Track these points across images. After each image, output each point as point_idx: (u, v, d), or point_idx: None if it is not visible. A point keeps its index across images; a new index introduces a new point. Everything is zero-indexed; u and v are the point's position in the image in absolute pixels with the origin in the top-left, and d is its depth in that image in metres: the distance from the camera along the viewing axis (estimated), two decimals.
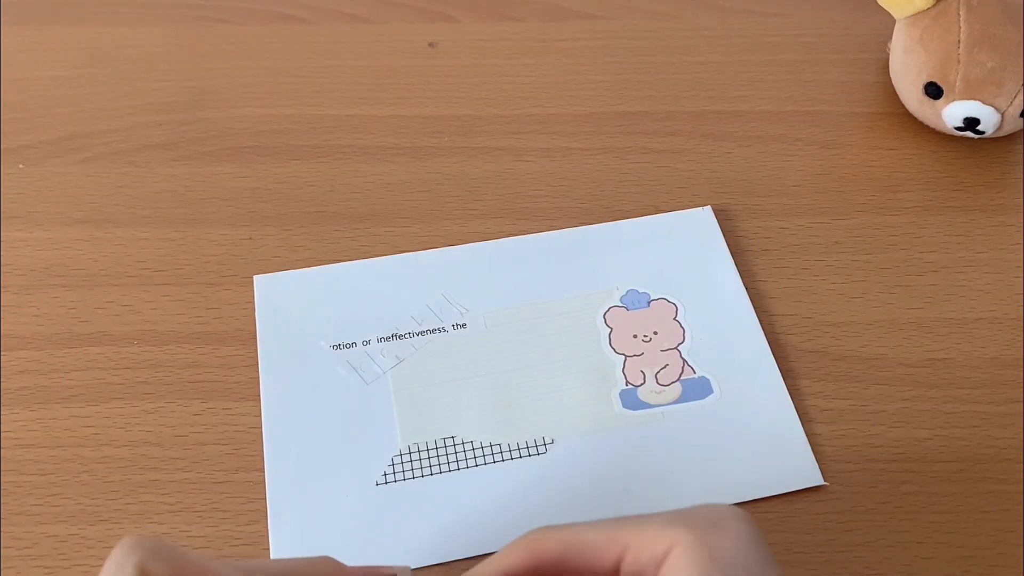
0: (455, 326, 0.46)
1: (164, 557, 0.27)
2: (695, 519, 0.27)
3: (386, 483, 0.41)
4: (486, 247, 0.49)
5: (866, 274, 0.48)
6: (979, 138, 0.52)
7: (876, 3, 0.53)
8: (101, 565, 0.39)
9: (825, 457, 0.42)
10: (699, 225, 0.50)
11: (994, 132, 0.50)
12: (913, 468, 0.41)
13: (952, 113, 0.50)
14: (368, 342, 0.45)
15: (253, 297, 0.47)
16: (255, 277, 0.48)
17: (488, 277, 0.48)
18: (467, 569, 0.38)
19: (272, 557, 0.39)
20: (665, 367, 0.44)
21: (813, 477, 0.41)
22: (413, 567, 0.39)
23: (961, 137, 0.53)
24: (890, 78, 0.55)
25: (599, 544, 0.28)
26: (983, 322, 0.46)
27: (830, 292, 0.48)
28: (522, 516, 0.40)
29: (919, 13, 0.51)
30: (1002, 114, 0.49)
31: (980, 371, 0.45)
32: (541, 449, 0.42)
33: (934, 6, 0.51)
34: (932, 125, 0.53)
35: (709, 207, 0.50)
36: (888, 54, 0.55)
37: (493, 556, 0.31)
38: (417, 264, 0.48)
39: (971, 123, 0.50)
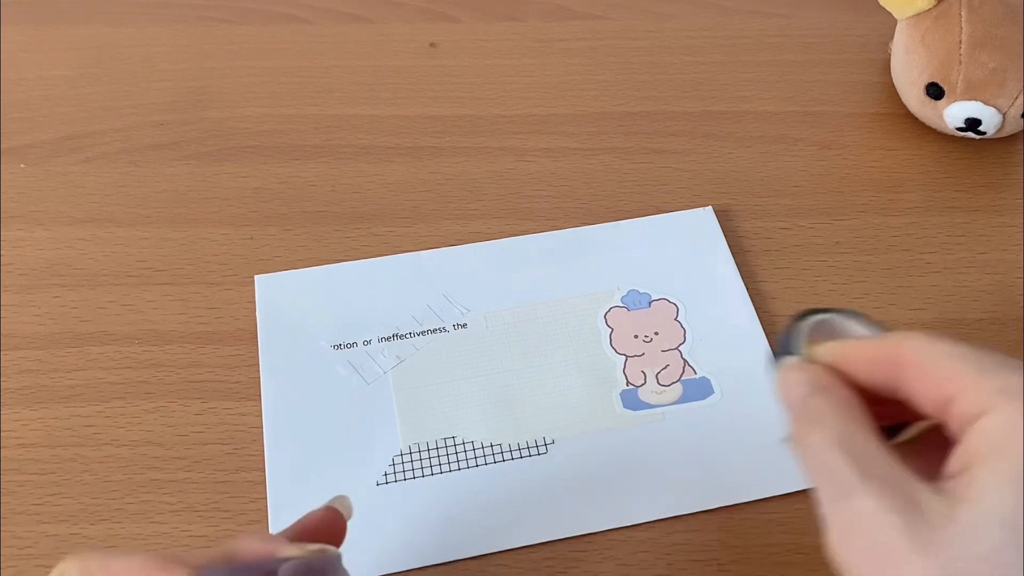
0: (456, 326, 0.46)
1: (80, 568, 0.27)
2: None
3: (386, 483, 0.41)
4: (487, 247, 0.49)
5: (867, 275, 0.48)
6: (980, 139, 0.52)
7: (877, 3, 0.53)
8: None
9: None
10: (700, 225, 0.50)
11: (995, 133, 0.50)
12: None
13: (953, 114, 0.50)
14: (369, 342, 0.45)
15: (254, 297, 0.47)
16: (256, 277, 0.48)
17: (489, 277, 0.48)
18: (467, 569, 0.38)
19: None
20: (666, 367, 0.44)
21: None
22: (413, 567, 0.39)
23: (962, 138, 0.53)
24: (891, 78, 0.55)
25: (939, 374, 0.27)
26: (984, 323, 0.46)
27: (831, 293, 0.48)
28: (522, 516, 0.40)
29: (921, 13, 0.51)
30: (1004, 115, 0.49)
31: None
32: (541, 449, 0.42)
33: (936, 6, 0.51)
34: (933, 126, 0.53)
35: (710, 207, 0.50)
36: (889, 54, 0.55)
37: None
38: (418, 264, 0.48)
39: (972, 124, 0.50)
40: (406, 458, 0.41)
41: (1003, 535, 0.23)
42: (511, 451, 0.42)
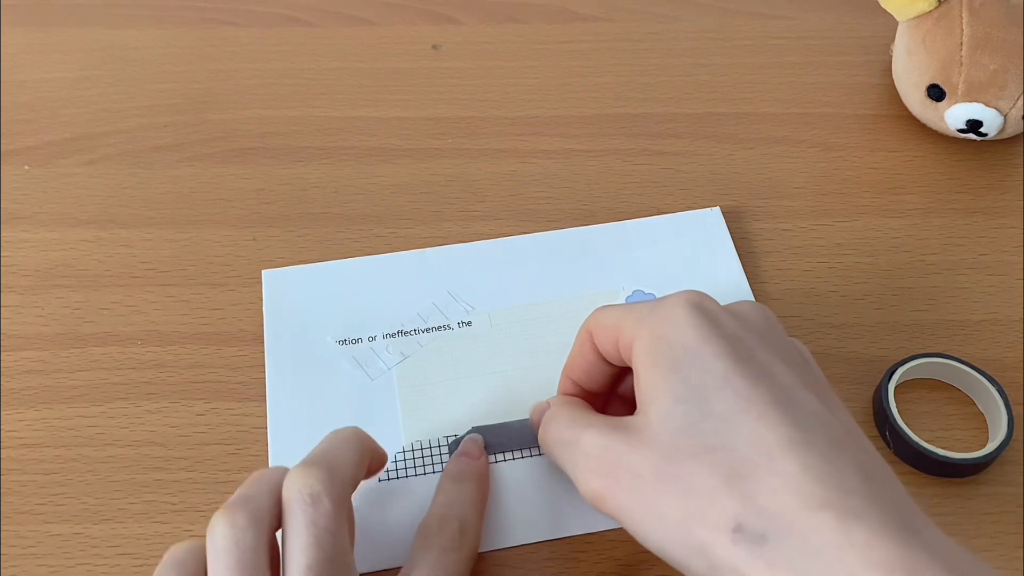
0: (460, 324, 0.46)
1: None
2: (653, 317, 0.34)
3: (388, 480, 0.41)
4: (493, 245, 0.49)
5: (868, 276, 0.48)
6: (981, 140, 0.52)
7: (879, 6, 0.53)
8: (104, 564, 0.39)
9: None
10: (707, 226, 0.49)
11: (997, 134, 0.50)
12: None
13: (955, 115, 0.50)
14: (374, 338, 0.45)
15: (257, 298, 0.47)
16: (263, 272, 0.48)
17: (495, 275, 0.48)
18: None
19: None
20: None
21: None
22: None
23: (964, 139, 0.53)
24: (893, 80, 0.55)
25: (608, 327, 0.36)
26: (985, 324, 0.46)
27: (832, 294, 0.48)
28: (522, 516, 0.40)
29: (922, 15, 0.51)
30: (1005, 116, 0.49)
31: None
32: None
33: (937, 8, 0.51)
34: (935, 127, 0.53)
35: (718, 208, 0.50)
36: (891, 56, 0.56)
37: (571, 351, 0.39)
38: (424, 261, 0.48)
39: (974, 125, 0.50)
40: (408, 455, 0.41)
41: (681, 409, 0.32)
42: (513, 450, 0.42)
